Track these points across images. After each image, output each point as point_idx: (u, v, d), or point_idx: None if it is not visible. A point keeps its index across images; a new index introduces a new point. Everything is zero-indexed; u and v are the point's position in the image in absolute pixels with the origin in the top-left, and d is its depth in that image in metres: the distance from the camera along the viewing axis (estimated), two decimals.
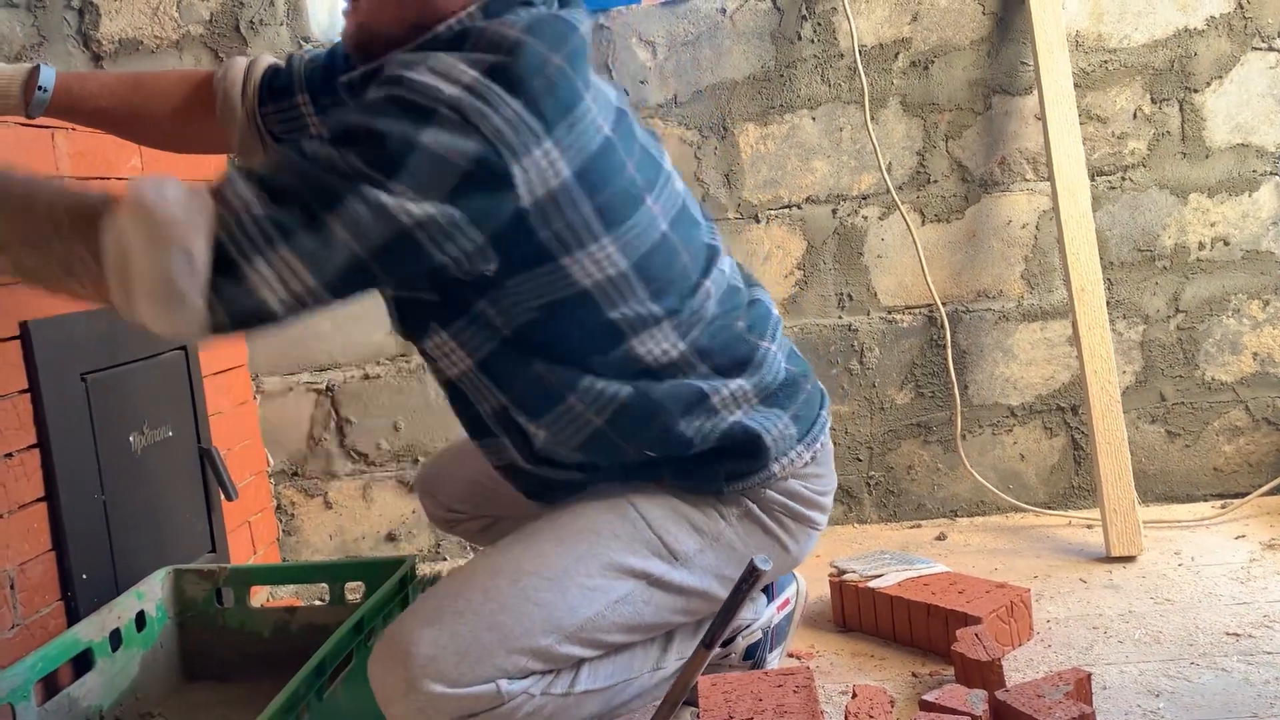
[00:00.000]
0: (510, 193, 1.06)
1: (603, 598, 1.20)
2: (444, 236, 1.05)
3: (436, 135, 1.02)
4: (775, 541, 1.31)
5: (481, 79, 1.05)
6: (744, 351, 1.27)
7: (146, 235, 0.97)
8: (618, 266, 1.15)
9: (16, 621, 1.46)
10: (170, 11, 2.25)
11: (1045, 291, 2.23)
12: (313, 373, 2.32)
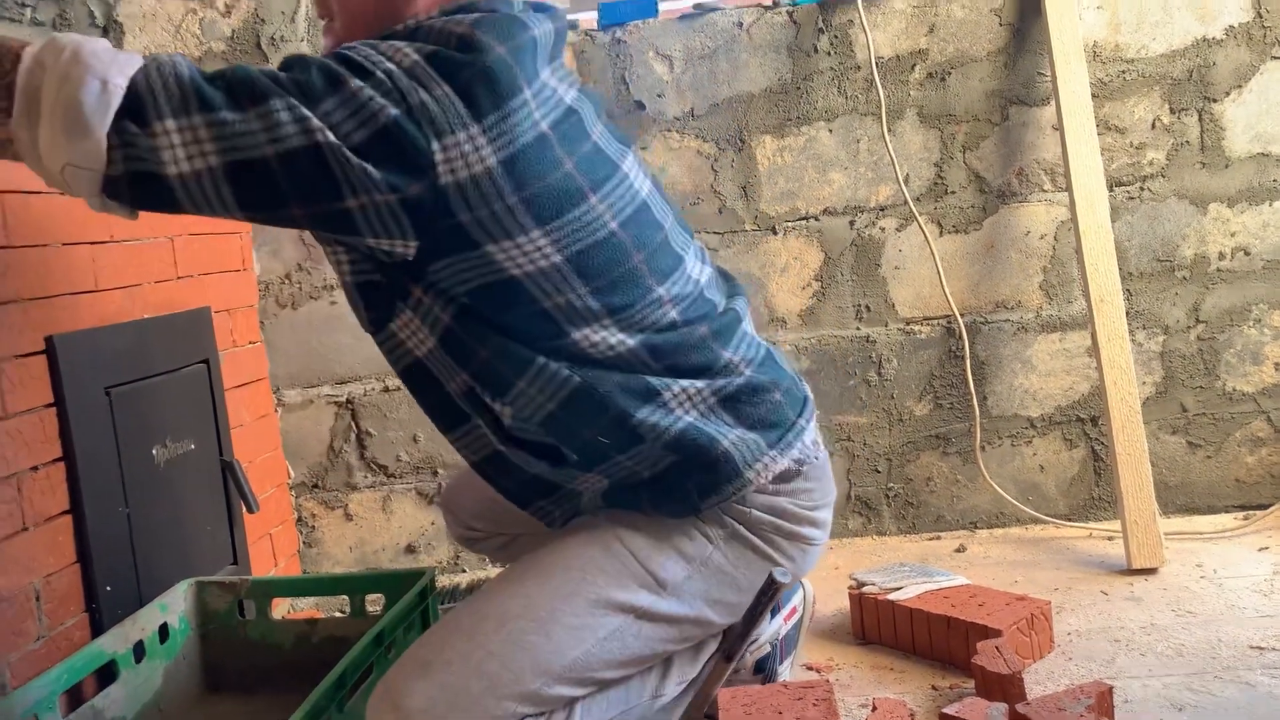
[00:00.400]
0: (427, 168, 1.08)
1: (590, 636, 1.19)
2: (356, 181, 1.07)
3: (364, 86, 1.06)
4: (767, 561, 1.28)
5: (421, 61, 1.09)
6: (703, 358, 1.25)
7: (66, 61, 0.99)
8: (549, 259, 1.16)
9: (42, 633, 1.47)
10: (193, 29, 2.28)
11: (1064, 302, 2.22)
12: (333, 385, 2.33)
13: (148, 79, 1.03)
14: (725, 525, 1.25)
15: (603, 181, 1.20)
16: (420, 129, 1.07)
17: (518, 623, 1.17)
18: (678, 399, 1.22)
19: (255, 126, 1.03)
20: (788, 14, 2.20)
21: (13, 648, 1.41)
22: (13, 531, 1.43)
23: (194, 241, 1.97)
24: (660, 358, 1.22)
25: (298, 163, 1.05)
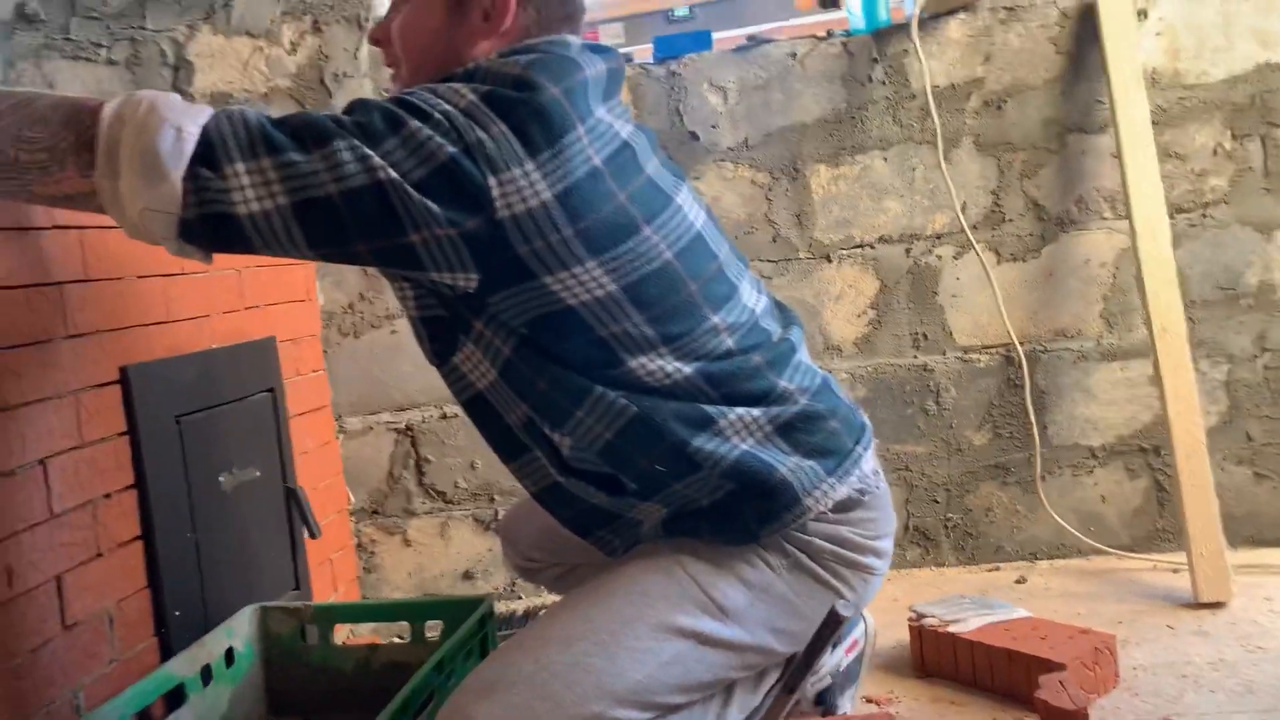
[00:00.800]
0: (485, 203, 1.11)
1: (652, 659, 1.19)
2: (418, 216, 1.10)
3: (422, 127, 1.10)
4: (829, 590, 1.28)
5: (477, 101, 1.13)
6: (759, 386, 1.25)
7: (143, 112, 1.04)
8: (605, 289, 1.17)
9: (114, 657, 1.51)
10: (259, 66, 2.34)
11: (1125, 331, 2.19)
12: (393, 412, 2.37)
13: (218, 126, 1.08)
14: (787, 554, 1.25)
15: (657, 213, 1.22)
16: (477, 165, 1.10)
17: (581, 645, 1.18)
18: (734, 427, 1.22)
19: (319, 166, 1.07)
20: (842, 44, 2.22)
21: (86, 670, 1.45)
22: (88, 557, 1.47)
23: (260, 273, 2.02)
24: (716, 385, 1.23)
25: (361, 200, 1.08)
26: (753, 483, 1.21)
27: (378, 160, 1.08)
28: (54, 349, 1.44)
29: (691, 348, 1.22)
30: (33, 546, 1.38)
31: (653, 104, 2.26)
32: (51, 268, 1.45)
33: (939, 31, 2.19)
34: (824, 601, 1.24)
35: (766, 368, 1.27)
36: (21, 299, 1.39)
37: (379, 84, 2.32)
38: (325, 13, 2.32)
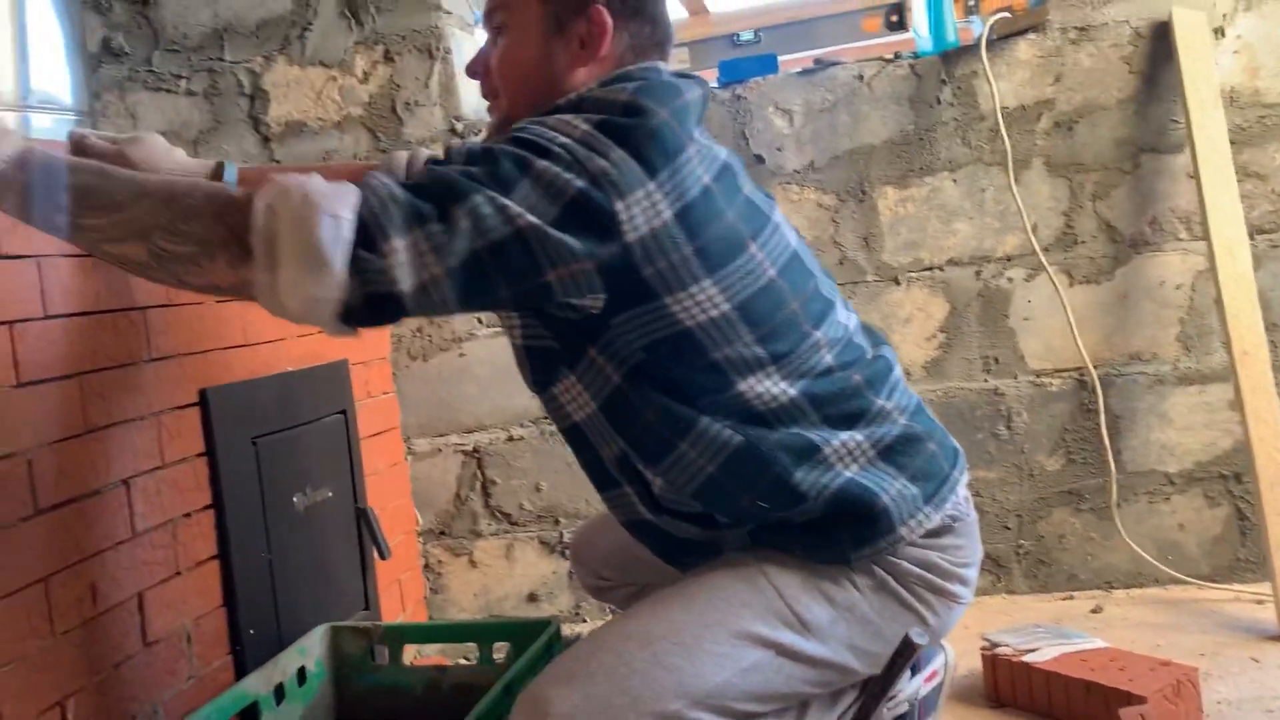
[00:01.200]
0: (615, 229, 1.12)
1: (732, 665, 1.19)
2: (555, 254, 1.11)
3: (548, 165, 1.11)
4: (913, 615, 1.27)
5: (593, 130, 1.14)
6: (858, 405, 1.26)
7: (297, 202, 1.03)
8: (719, 308, 1.19)
9: (192, 674, 1.54)
10: (332, 95, 2.40)
11: (1203, 354, 2.14)
12: (460, 434, 2.39)
13: (370, 207, 1.07)
14: (874, 575, 1.25)
15: (759, 230, 1.25)
16: (604, 193, 1.11)
17: (662, 644, 1.18)
18: (838, 454, 1.22)
19: (465, 226, 1.08)
20: (909, 66, 2.20)
21: (165, 686, 1.48)
22: (168, 575, 1.51)
23: None
24: (819, 406, 1.23)
25: (506, 251, 1.09)
26: (854, 509, 1.21)
27: (515, 209, 1.08)
28: (137, 372, 1.49)
29: (796, 365, 1.23)
30: (116, 564, 1.41)
31: (718, 128, 2.27)
32: (135, 293, 1.49)
33: (1008, 52, 2.17)
34: (907, 625, 1.23)
35: (865, 386, 1.27)
36: (108, 324, 1.43)
37: (449, 112, 2.35)
38: (397, 43, 2.36)
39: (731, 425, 1.21)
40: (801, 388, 1.23)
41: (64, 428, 1.34)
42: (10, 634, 1.23)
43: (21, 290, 1.29)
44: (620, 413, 1.24)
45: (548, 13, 1.27)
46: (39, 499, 1.29)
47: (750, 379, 1.21)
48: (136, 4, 2.45)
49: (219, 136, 2.44)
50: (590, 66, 1.27)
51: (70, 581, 1.33)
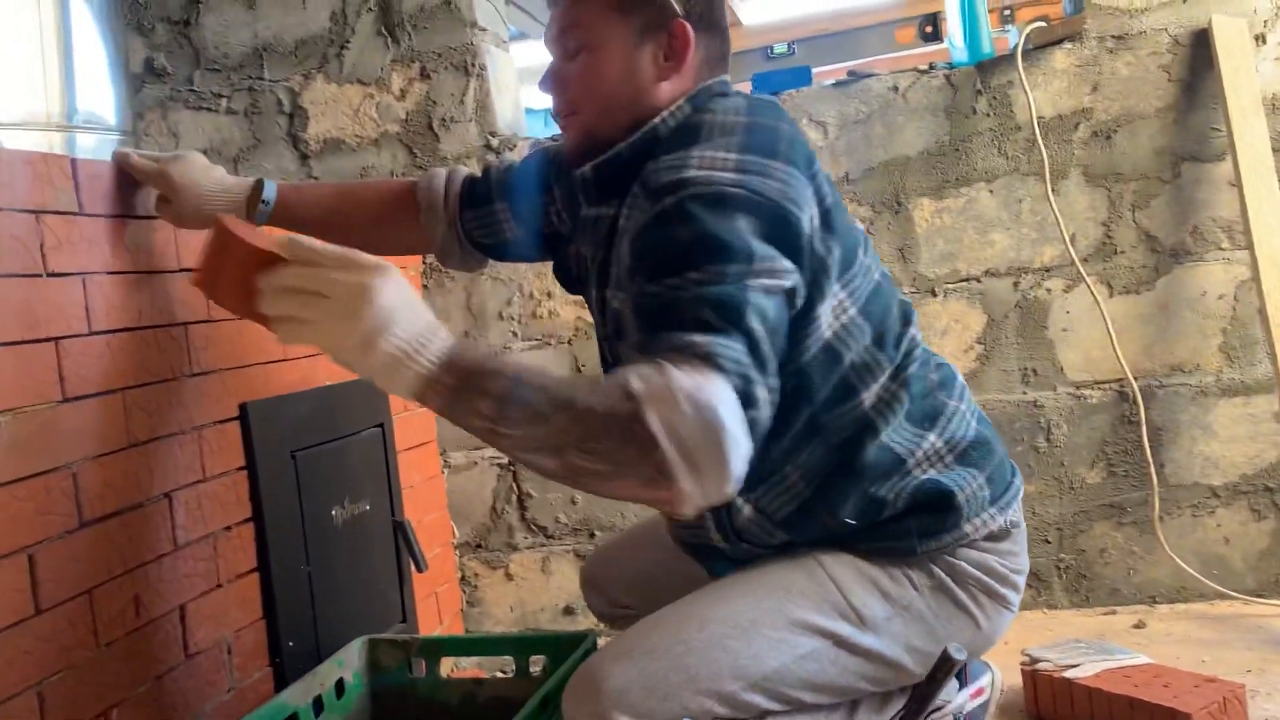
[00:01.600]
0: (803, 237, 1.14)
1: (789, 651, 1.20)
2: (801, 287, 1.15)
3: (743, 216, 1.09)
4: (967, 616, 1.28)
5: (743, 157, 1.14)
6: (936, 405, 1.29)
7: (692, 419, 0.97)
8: (848, 312, 1.22)
9: (232, 685, 1.55)
10: (370, 113, 2.42)
11: (1247, 365, 2.11)
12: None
13: (730, 409, 1.01)
14: (932, 575, 1.26)
15: (860, 236, 1.29)
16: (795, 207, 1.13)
17: (720, 626, 1.20)
18: (919, 463, 1.25)
19: (759, 332, 1.05)
20: (945, 77, 2.19)
21: (206, 698, 1.50)
22: (209, 588, 1.53)
23: None
24: (913, 400, 1.26)
25: (782, 318, 1.11)
26: (928, 503, 1.25)
27: (768, 279, 1.07)
28: (179, 387, 1.51)
29: (900, 365, 1.27)
30: (158, 577, 1.43)
31: None
32: (177, 309, 1.51)
33: (1044, 62, 2.15)
34: (960, 627, 1.25)
35: (938, 388, 1.31)
36: (151, 340, 1.46)
37: (484, 128, 2.37)
38: (433, 60, 2.39)
39: (839, 442, 1.23)
40: (901, 388, 1.26)
41: (108, 442, 1.36)
42: (57, 644, 1.25)
43: (68, 307, 1.31)
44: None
45: (630, 28, 1.25)
46: (84, 512, 1.31)
47: (874, 385, 1.25)
48: (178, 25, 2.50)
49: (259, 154, 2.47)
50: (673, 80, 1.26)
51: (115, 593, 1.35)
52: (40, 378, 1.26)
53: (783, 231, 1.11)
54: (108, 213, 1.40)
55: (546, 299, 2.36)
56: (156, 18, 2.50)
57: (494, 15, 2.50)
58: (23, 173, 1.26)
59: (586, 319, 2.35)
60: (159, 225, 1.49)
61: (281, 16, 2.45)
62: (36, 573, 1.23)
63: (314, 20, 2.44)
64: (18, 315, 1.23)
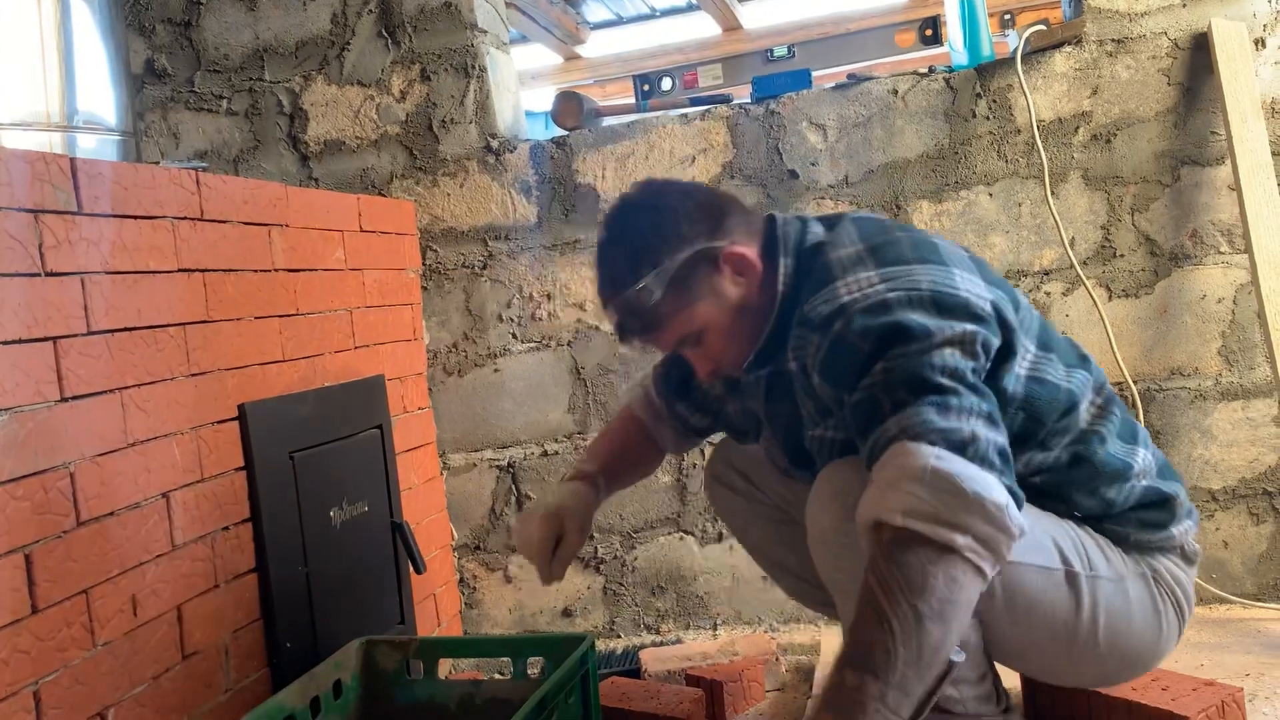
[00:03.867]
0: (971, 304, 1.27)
1: (1029, 550, 1.27)
2: (988, 338, 1.27)
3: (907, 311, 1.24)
4: (1157, 618, 1.37)
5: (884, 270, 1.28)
6: (1134, 427, 1.44)
7: (916, 490, 1.14)
8: (1031, 350, 1.35)
9: (229, 686, 1.55)
10: (370, 114, 2.43)
11: (1246, 369, 2.11)
12: (495, 449, 2.41)
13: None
14: (1139, 564, 1.38)
15: (1008, 286, 1.42)
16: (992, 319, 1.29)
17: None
18: (1139, 474, 1.38)
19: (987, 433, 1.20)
20: (944, 80, 2.20)
21: (204, 699, 1.50)
22: (206, 588, 1.53)
23: (370, 313, 2.08)
24: (1121, 421, 1.42)
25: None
26: (1151, 503, 1.39)
27: (983, 407, 1.21)
28: (177, 387, 1.51)
29: (1098, 383, 1.43)
30: (156, 577, 1.43)
31: (751, 143, 2.27)
32: (176, 309, 1.52)
33: (1044, 65, 2.15)
34: (1146, 626, 1.36)
35: (1128, 411, 1.48)
36: (150, 339, 1.46)
37: (484, 129, 2.37)
38: (433, 62, 2.39)
39: (1070, 457, 1.36)
40: (1107, 402, 1.40)
41: (106, 441, 1.36)
42: (53, 644, 1.25)
43: (66, 307, 1.31)
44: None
45: (705, 296, 1.36)
46: (81, 511, 1.31)
47: (1081, 403, 1.37)
48: (179, 26, 2.50)
49: (259, 156, 2.47)
50: (760, 289, 1.38)
51: (111, 593, 1.35)
52: (39, 377, 1.26)
53: (949, 303, 1.24)
54: (107, 213, 1.40)
55: (546, 301, 2.36)
56: (157, 19, 2.50)
57: (494, 18, 2.50)
58: (22, 172, 1.27)
59: (586, 321, 2.36)
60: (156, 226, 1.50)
61: (282, 18, 2.45)
62: (33, 572, 1.23)
63: (314, 22, 2.44)
64: (16, 314, 1.24)
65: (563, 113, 2.47)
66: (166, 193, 1.52)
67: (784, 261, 1.37)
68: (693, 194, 1.42)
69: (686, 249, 1.34)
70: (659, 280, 1.33)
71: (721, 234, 1.37)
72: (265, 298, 1.73)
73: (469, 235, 2.39)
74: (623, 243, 1.38)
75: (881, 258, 1.30)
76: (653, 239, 1.35)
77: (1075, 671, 1.38)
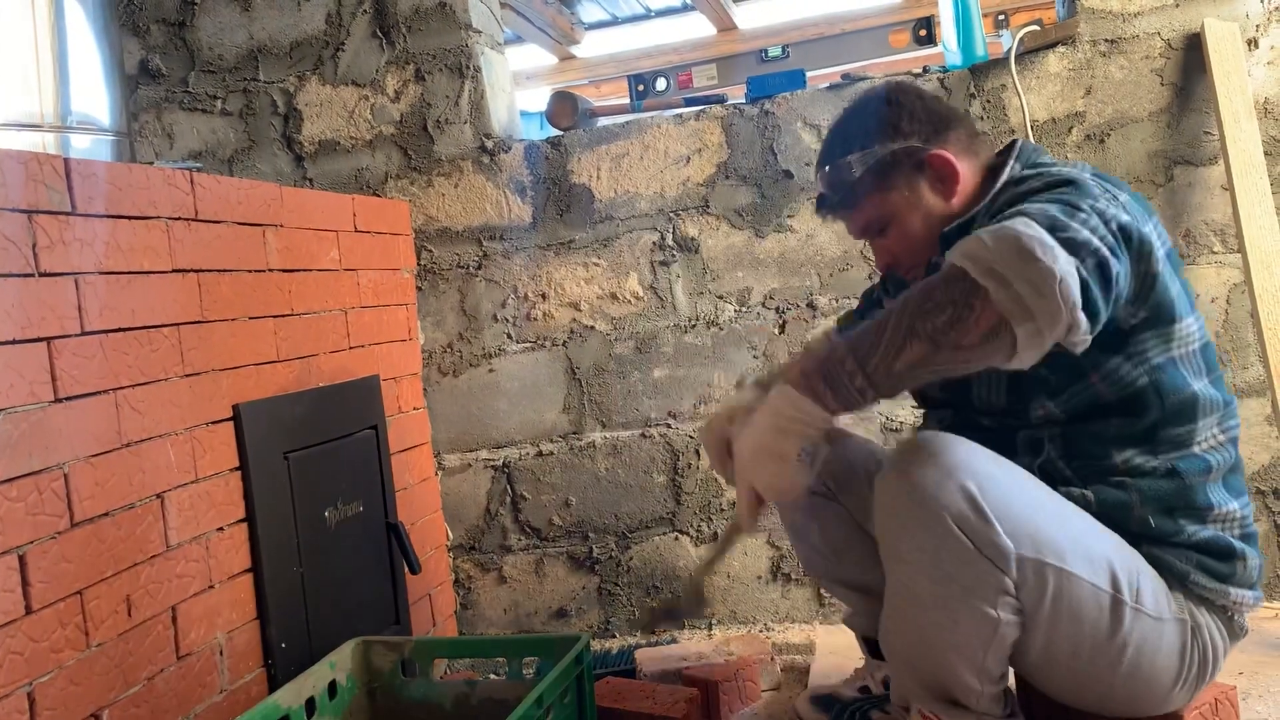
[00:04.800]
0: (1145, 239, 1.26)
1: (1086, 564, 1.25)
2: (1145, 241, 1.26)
3: (1090, 198, 1.22)
4: (1177, 669, 1.32)
5: (1085, 187, 1.26)
6: (1240, 482, 1.40)
7: (986, 237, 1.13)
8: (1193, 346, 1.35)
9: (224, 687, 1.55)
10: (365, 114, 2.43)
11: (1239, 368, 2.11)
12: (490, 450, 2.41)
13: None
14: (1184, 612, 1.32)
15: (1192, 290, 1.42)
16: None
17: (1058, 503, 1.29)
18: (1216, 519, 1.34)
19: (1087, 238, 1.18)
20: (938, 80, 2.20)
21: (198, 700, 1.50)
22: (201, 589, 1.52)
23: (365, 314, 2.08)
24: (1235, 463, 1.41)
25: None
26: (1217, 551, 1.33)
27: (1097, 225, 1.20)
28: (171, 387, 1.51)
29: (1226, 415, 1.40)
30: (150, 578, 1.43)
31: (746, 143, 2.27)
32: (170, 309, 1.52)
33: (1038, 65, 2.16)
34: (1167, 676, 1.31)
35: (1239, 466, 1.41)
36: (144, 340, 1.46)
37: (479, 129, 2.38)
38: (428, 62, 2.39)
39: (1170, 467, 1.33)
40: (1228, 439, 1.38)
41: (100, 442, 1.36)
42: (47, 645, 1.25)
43: (60, 308, 1.31)
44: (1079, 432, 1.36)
45: (902, 192, 1.41)
46: (75, 512, 1.31)
47: (1203, 420, 1.35)
48: (173, 26, 2.50)
49: (253, 156, 2.47)
50: (960, 188, 1.41)
51: (106, 594, 1.35)
52: (32, 378, 1.26)
53: (1129, 234, 1.21)
54: (100, 213, 1.40)
55: (541, 300, 2.37)
56: (151, 19, 2.50)
57: (489, 18, 2.50)
58: (16, 172, 1.26)
59: (581, 321, 2.36)
60: (150, 226, 1.49)
61: (277, 18, 2.45)
62: (27, 573, 1.23)
63: (309, 22, 2.44)
64: (10, 315, 1.23)
65: (557, 113, 2.47)
66: (161, 193, 1.52)
67: (1013, 165, 1.41)
68: (925, 99, 1.47)
69: (899, 141, 1.41)
70: (863, 161, 1.41)
71: (938, 140, 1.42)
72: (260, 298, 1.73)
73: (464, 235, 2.39)
74: (847, 120, 1.48)
75: (1089, 187, 1.27)
76: (873, 124, 1.43)
77: (1078, 690, 1.35)
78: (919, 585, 1.24)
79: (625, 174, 2.33)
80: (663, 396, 2.34)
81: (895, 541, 1.26)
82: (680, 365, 2.33)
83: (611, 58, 4.98)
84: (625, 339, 2.35)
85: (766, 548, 2.29)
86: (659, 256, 2.32)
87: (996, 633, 1.24)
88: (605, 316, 2.35)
